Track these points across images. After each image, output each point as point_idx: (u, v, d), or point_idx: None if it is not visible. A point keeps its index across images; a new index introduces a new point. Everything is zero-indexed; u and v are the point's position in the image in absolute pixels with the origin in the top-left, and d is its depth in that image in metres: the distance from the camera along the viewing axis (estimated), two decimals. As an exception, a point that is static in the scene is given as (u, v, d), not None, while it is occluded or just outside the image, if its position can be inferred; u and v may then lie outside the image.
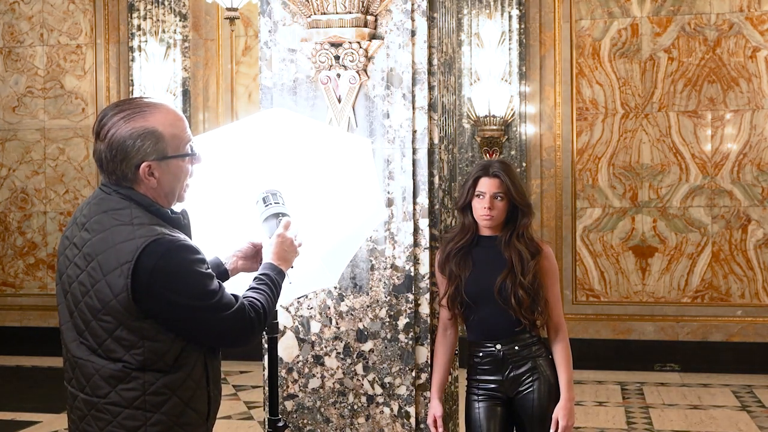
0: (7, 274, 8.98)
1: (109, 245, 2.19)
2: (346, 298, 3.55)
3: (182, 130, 2.31)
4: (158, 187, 2.28)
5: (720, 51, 7.76)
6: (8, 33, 8.89)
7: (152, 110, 2.27)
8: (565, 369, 3.33)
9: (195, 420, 2.29)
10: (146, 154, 2.24)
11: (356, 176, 3.02)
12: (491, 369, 3.34)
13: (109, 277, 2.18)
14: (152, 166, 2.26)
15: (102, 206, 2.27)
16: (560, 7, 8.01)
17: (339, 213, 2.99)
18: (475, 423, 3.36)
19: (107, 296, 2.18)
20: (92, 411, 2.26)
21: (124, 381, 2.21)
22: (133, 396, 2.21)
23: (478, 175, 3.32)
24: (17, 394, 7.38)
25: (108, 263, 2.18)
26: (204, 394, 2.31)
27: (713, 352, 7.71)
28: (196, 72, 8.51)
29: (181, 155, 2.30)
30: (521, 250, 3.28)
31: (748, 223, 7.76)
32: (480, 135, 7.84)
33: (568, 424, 3.28)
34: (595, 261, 7.99)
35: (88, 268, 2.22)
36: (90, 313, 2.22)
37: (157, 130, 2.25)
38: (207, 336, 2.29)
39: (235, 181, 2.83)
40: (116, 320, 2.19)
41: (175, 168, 2.30)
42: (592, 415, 6.45)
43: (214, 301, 2.23)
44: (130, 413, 2.22)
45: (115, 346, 2.20)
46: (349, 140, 3.19)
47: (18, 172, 8.92)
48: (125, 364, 2.20)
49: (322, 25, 3.48)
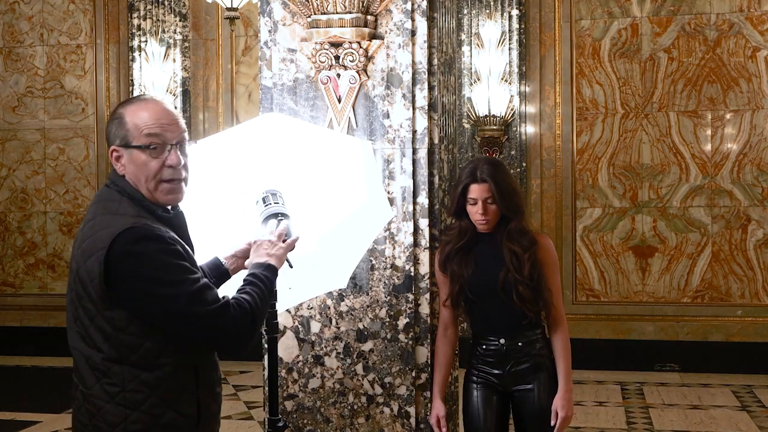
0: (7, 274, 8.98)
1: (93, 233, 2.26)
2: (346, 298, 3.55)
3: (147, 124, 2.31)
4: (126, 174, 2.34)
5: (720, 51, 7.76)
6: (8, 33, 8.88)
7: (137, 100, 2.37)
8: (564, 360, 3.33)
9: (180, 423, 2.29)
10: (114, 138, 2.34)
11: (360, 177, 3.03)
12: (493, 362, 3.34)
13: (87, 263, 2.23)
14: (118, 150, 2.34)
15: (98, 197, 2.37)
16: (560, 7, 8.01)
17: (344, 214, 3.00)
18: (473, 408, 3.36)
19: (85, 282, 2.24)
20: (85, 402, 2.30)
21: (106, 375, 2.25)
22: (115, 391, 2.25)
23: (467, 182, 3.29)
24: (17, 394, 7.38)
25: (88, 249, 2.24)
26: (192, 398, 2.31)
27: (713, 352, 7.71)
28: (196, 72, 8.51)
29: (137, 146, 2.31)
30: (514, 247, 3.28)
31: (748, 223, 7.76)
32: (480, 135, 7.84)
33: (567, 415, 3.28)
34: (595, 261, 7.99)
35: (77, 256, 2.28)
36: (78, 301, 2.28)
37: (124, 117, 2.33)
38: (189, 334, 2.27)
39: (235, 182, 2.83)
40: (94, 308, 2.24)
41: (137, 158, 2.32)
42: (592, 415, 6.45)
43: (186, 292, 2.21)
44: (111, 408, 2.25)
45: (96, 335, 2.25)
46: (351, 142, 3.19)
47: (18, 172, 8.92)
48: (104, 355, 2.24)
49: (322, 25, 3.48)
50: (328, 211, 2.94)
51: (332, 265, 3.02)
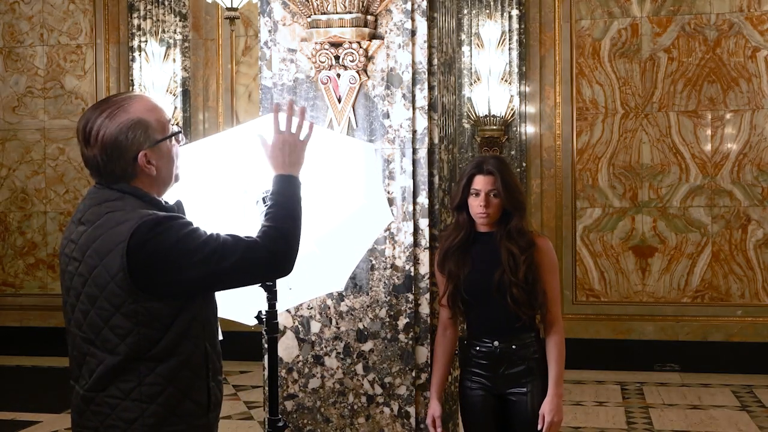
0: (7, 274, 8.98)
1: (104, 231, 2.23)
2: (346, 298, 3.55)
3: (162, 114, 2.37)
4: (157, 174, 2.33)
5: (720, 51, 7.76)
6: (8, 33, 8.88)
7: (130, 102, 2.33)
8: (556, 364, 3.30)
9: (194, 411, 2.29)
10: (140, 144, 2.29)
11: (360, 180, 3.02)
12: (486, 364, 3.33)
13: (105, 260, 2.21)
14: (148, 154, 2.30)
15: (96, 199, 2.31)
16: (560, 7, 8.01)
17: (343, 217, 2.99)
18: (473, 407, 3.36)
19: (105, 280, 2.21)
20: (91, 406, 2.27)
21: (121, 374, 2.23)
22: (130, 387, 2.23)
23: (472, 172, 3.31)
24: (17, 394, 7.38)
25: (104, 247, 2.22)
26: (204, 385, 2.32)
27: (713, 352, 7.71)
28: (196, 72, 8.51)
29: (168, 136, 2.35)
30: (511, 247, 3.27)
31: (748, 223, 7.76)
32: (480, 135, 7.84)
33: (555, 420, 3.24)
34: (595, 261, 7.98)
35: (85, 257, 2.25)
36: (89, 303, 2.24)
37: (143, 118, 2.30)
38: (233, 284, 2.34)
39: (235, 182, 2.84)
40: (113, 306, 2.21)
41: (167, 150, 2.35)
42: (592, 415, 6.45)
43: (213, 250, 2.24)
44: (127, 405, 2.23)
45: (111, 336, 2.22)
46: (353, 144, 3.18)
47: (18, 172, 8.92)
48: (121, 357, 2.22)
49: (322, 25, 3.48)
50: (328, 213, 2.94)
51: (330, 268, 3.02)
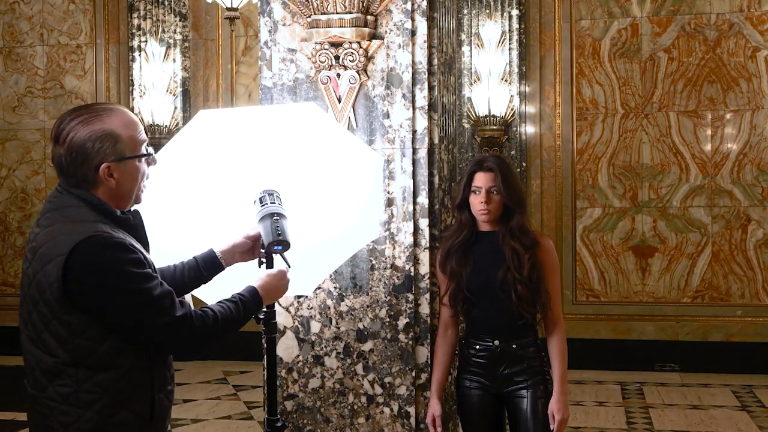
0: (7, 274, 8.98)
1: (51, 238, 2.27)
2: (346, 298, 3.55)
3: (138, 132, 2.38)
4: (117, 188, 2.35)
5: (720, 51, 7.76)
6: (8, 33, 8.88)
7: (109, 114, 2.35)
8: (559, 363, 3.34)
9: (133, 422, 2.31)
10: (105, 155, 2.32)
11: (363, 197, 3.01)
12: (485, 363, 3.34)
13: (46, 268, 2.25)
14: (111, 167, 2.33)
15: (53, 204, 2.36)
16: (560, 7, 8.01)
17: (334, 233, 2.97)
18: (471, 407, 3.37)
19: (43, 287, 2.26)
20: (35, 405, 2.34)
21: (59, 377, 2.27)
22: (67, 392, 2.27)
23: (473, 170, 3.34)
24: (17, 394, 7.37)
25: (47, 255, 2.25)
26: (146, 397, 2.33)
27: (713, 352, 7.71)
28: (196, 72, 8.51)
29: (137, 156, 2.37)
30: (515, 245, 3.29)
31: (748, 223, 7.76)
32: (480, 135, 7.84)
33: (563, 418, 3.29)
34: (595, 261, 7.99)
35: (33, 260, 2.30)
36: (32, 304, 2.31)
37: (115, 131, 2.32)
38: (146, 337, 2.29)
39: (240, 163, 2.82)
40: (50, 312, 2.26)
41: (132, 168, 2.37)
42: (592, 415, 6.45)
43: (147, 300, 2.25)
44: (64, 409, 2.27)
45: (50, 340, 2.28)
46: (366, 154, 3.13)
47: (18, 172, 8.92)
48: (58, 359, 2.27)
49: (322, 25, 3.48)
50: (319, 225, 2.91)
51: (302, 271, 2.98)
